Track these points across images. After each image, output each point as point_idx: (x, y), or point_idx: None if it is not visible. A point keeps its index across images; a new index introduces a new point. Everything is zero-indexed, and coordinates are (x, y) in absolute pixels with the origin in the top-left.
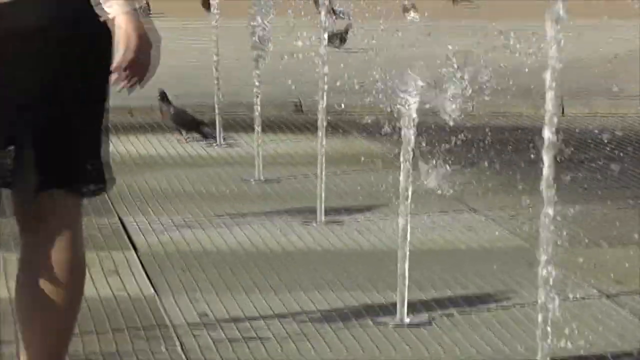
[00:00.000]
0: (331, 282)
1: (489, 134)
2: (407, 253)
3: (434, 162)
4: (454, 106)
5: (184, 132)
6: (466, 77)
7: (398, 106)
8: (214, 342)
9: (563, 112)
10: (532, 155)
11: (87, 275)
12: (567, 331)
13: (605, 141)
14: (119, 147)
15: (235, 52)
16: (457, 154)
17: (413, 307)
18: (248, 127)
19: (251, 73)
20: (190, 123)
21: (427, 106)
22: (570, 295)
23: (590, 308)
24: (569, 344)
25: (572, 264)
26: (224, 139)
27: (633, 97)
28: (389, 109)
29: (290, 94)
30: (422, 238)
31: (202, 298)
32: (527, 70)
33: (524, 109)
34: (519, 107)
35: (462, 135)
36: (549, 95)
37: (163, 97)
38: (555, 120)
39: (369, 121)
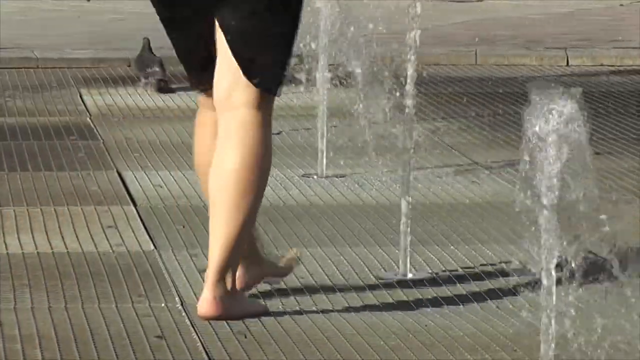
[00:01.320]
0: (332, 236)
1: (493, 85)
2: (409, 207)
3: (436, 114)
4: None
5: (142, 78)
6: None
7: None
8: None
9: (567, 63)
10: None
11: (85, 230)
12: (573, 287)
13: (609, 93)
14: (117, 99)
15: None
16: (460, 106)
17: (415, 263)
18: None
19: None
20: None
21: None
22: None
23: (594, 266)
24: (575, 299)
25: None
26: None
27: (638, 48)
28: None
29: None
30: (425, 192)
31: (202, 253)
32: (531, 20)
33: (528, 60)
34: (523, 58)
35: (465, 86)
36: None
37: (148, 44)
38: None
39: (373, 73)
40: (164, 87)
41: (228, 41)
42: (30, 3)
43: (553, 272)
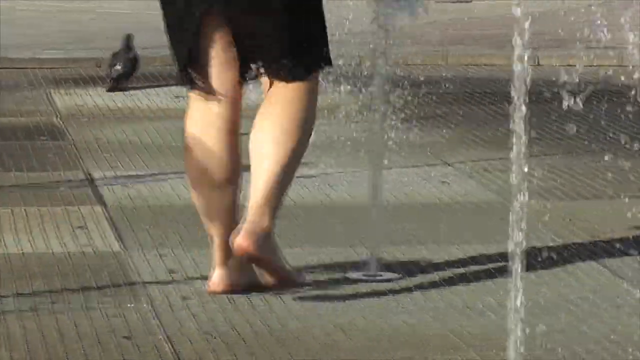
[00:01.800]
0: (302, 236)
1: (462, 85)
2: (380, 207)
3: (407, 114)
4: None
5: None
6: None
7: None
8: (183, 299)
9: (538, 63)
10: (505, 108)
11: (54, 230)
12: (540, 284)
13: (581, 92)
14: (87, 99)
15: None
16: (429, 105)
17: (385, 262)
18: None
19: None
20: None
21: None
22: (544, 249)
23: (563, 262)
24: (541, 297)
25: (545, 217)
26: None
27: (609, 48)
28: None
29: None
30: (395, 192)
31: (171, 254)
32: (501, 19)
33: (497, 60)
34: (492, 58)
35: (435, 86)
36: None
37: (127, 41)
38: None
39: (343, 72)
40: (112, 87)
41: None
42: (7, 3)
43: (520, 270)
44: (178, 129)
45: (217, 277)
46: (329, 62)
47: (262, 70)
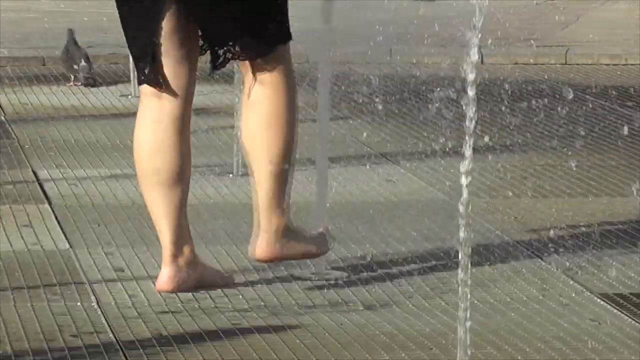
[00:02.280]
0: (248, 235)
1: (408, 84)
2: (326, 206)
3: (353, 112)
4: None
5: (70, 74)
6: None
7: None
8: (130, 297)
9: (482, 61)
10: (452, 106)
11: (0, 228)
12: (489, 283)
13: (526, 91)
14: (32, 97)
15: None
16: (375, 104)
17: (331, 261)
18: None
19: None
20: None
21: None
22: (492, 248)
23: (510, 260)
24: (490, 296)
25: (492, 215)
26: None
27: (553, 46)
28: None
29: None
30: (340, 190)
31: (118, 252)
32: (446, 18)
33: (443, 58)
34: (438, 57)
35: (381, 85)
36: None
37: (72, 36)
38: (474, 69)
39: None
40: (91, 82)
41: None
42: None
43: (469, 268)
44: (123, 127)
45: (164, 276)
46: (288, 36)
47: (228, 54)
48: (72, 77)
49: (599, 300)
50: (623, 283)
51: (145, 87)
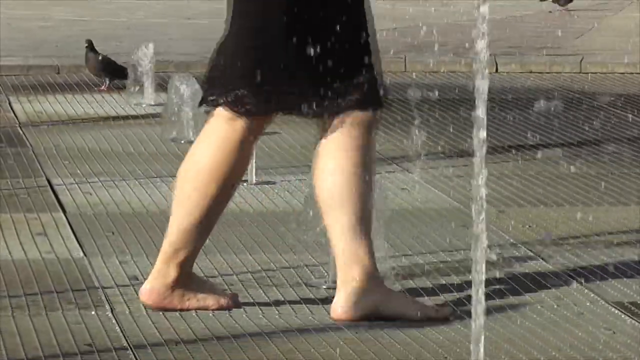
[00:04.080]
0: (262, 243)
1: (422, 92)
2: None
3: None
4: None
5: (107, 80)
6: None
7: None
8: (144, 306)
9: (497, 70)
10: (466, 114)
11: (14, 237)
12: (501, 291)
13: (539, 99)
14: (46, 106)
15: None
16: (389, 113)
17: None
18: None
19: (184, 31)
20: (117, 71)
21: None
22: (505, 256)
23: (523, 268)
24: (505, 305)
25: (506, 224)
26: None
27: (568, 55)
28: None
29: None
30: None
31: (132, 261)
32: (461, 26)
33: (458, 67)
34: (453, 65)
35: (395, 93)
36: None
37: (90, 46)
38: (488, 77)
39: None
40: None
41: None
42: None
43: (483, 279)
44: (137, 136)
45: (148, 290)
46: (378, 103)
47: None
48: (106, 81)
49: (613, 309)
50: (638, 292)
51: (222, 111)
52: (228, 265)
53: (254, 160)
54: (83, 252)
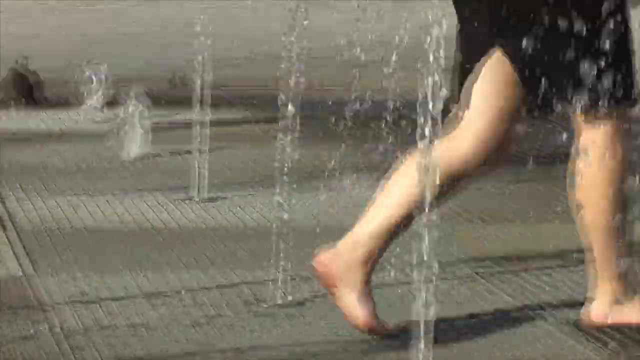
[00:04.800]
0: (212, 259)
1: (367, 109)
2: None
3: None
4: None
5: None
6: None
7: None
8: (95, 321)
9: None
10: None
11: None
12: (442, 309)
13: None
14: None
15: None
16: (344, 130)
17: (294, 285)
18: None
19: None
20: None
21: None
22: (448, 275)
23: (465, 287)
24: (444, 322)
25: (452, 241)
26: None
27: None
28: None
29: (163, 68)
30: (306, 215)
31: (83, 276)
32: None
33: (408, 83)
34: (403, 81)
35: (347, 111)
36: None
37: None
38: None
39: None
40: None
41: None
42: None
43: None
44: (89, 152)
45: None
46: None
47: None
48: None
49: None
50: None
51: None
52: (179, 281)
53: (204, 176)
54: (33, 268)
